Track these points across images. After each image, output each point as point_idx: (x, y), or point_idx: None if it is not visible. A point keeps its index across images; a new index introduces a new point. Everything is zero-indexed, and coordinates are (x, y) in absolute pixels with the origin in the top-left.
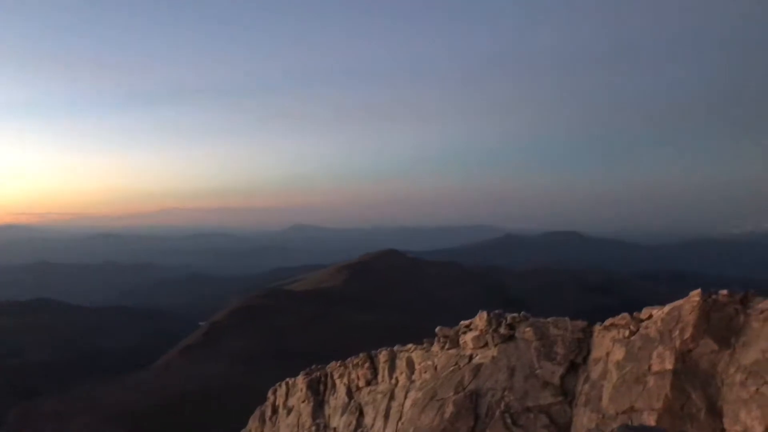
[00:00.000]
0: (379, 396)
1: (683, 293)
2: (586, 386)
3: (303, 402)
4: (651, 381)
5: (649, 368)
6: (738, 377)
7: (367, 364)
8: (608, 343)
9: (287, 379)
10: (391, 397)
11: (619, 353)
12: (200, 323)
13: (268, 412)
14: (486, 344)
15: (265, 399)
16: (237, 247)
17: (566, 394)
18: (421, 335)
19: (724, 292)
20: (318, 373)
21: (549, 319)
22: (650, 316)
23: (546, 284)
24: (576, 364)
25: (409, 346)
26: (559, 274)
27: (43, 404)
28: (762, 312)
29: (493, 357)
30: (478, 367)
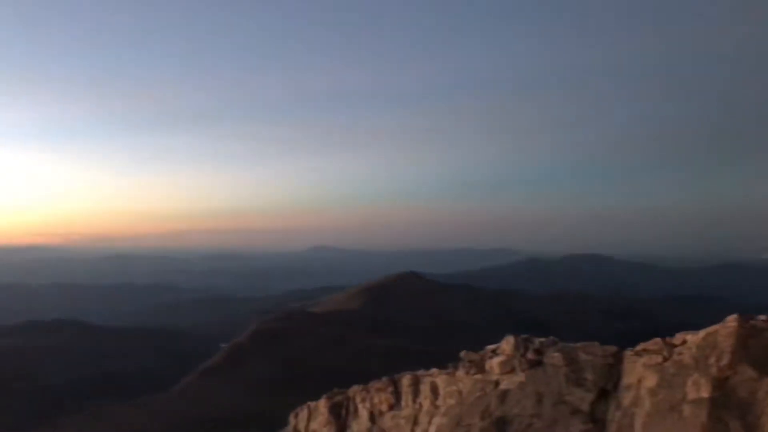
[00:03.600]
0: (402, 421)
1: (711, 318)
2: (618, 414)
3: (325, 427)
4: (686, 409)
5: (684, 396)
6: None
7: (390, 389)
8: (640, 370)
9: (308, 403)
10: (415, 423)
11: (652, 380)
12: (221, 345)
13: None
14: (513, 369)
15: (284, 423)
16: (257, 268)
17: (596, 421)
18: (441, 360)
19: (763, 317)
20: (340, 397)
21: (578, 345)
22: (684, 342)
23: (568, 308)
24: (606, 391)
25: (433, 370)
26: (581, 298)
27: (63, 425)
28: None
29: (520, 383)
30: (505, 393)
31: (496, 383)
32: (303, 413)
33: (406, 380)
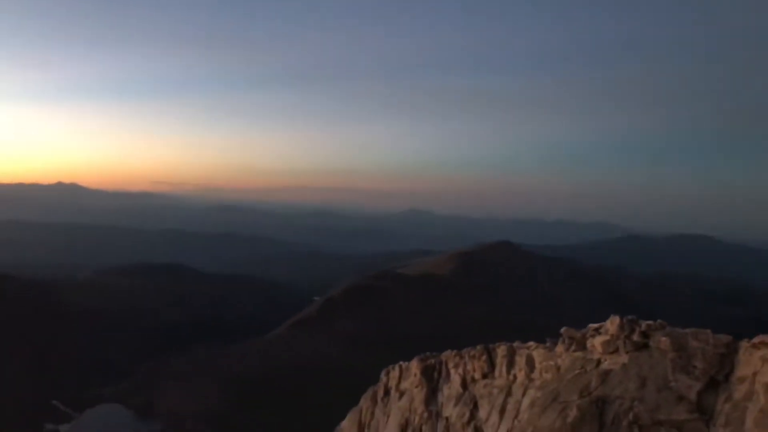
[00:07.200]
0: (495, 390)
1: None
2: (728, 406)
3: (416, 387)
4: None
5: None
6: None
7: (483, 357)
8: (757, 362)
9: (400, 363)
10: (508, 393)
11: None
12: (315, 298)
13: (381, 393)
14: (616, 350)
15: (369, 380)
16: (352, 227)
17: (703, 411)
18: (534, 333)
19: None
20: (432, 361)
21: (688, 330)
22: None
23: (668, 291)
24: (716, 381)
25: (530, 343)
26: (683, 281)
27: (167, 364)
28: None
29: (623, 364)
30: (607, 373)
31: (598, 362)
32: (394, 372)
33: (501, 350)
